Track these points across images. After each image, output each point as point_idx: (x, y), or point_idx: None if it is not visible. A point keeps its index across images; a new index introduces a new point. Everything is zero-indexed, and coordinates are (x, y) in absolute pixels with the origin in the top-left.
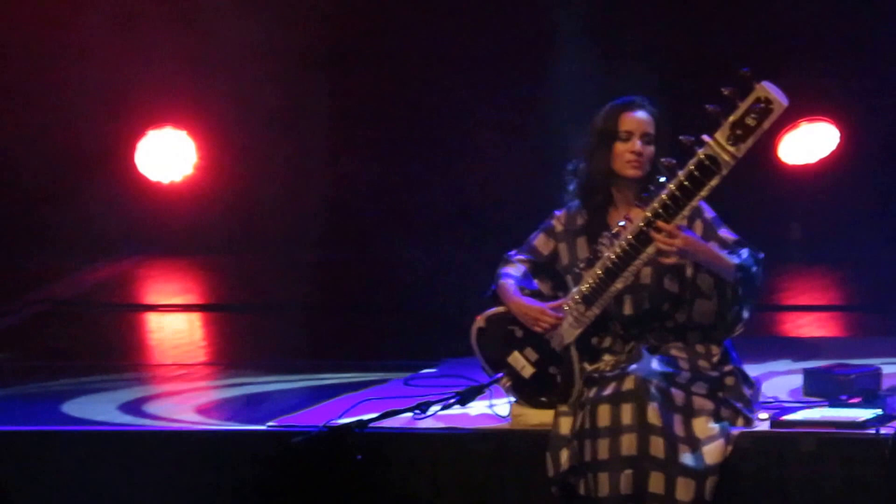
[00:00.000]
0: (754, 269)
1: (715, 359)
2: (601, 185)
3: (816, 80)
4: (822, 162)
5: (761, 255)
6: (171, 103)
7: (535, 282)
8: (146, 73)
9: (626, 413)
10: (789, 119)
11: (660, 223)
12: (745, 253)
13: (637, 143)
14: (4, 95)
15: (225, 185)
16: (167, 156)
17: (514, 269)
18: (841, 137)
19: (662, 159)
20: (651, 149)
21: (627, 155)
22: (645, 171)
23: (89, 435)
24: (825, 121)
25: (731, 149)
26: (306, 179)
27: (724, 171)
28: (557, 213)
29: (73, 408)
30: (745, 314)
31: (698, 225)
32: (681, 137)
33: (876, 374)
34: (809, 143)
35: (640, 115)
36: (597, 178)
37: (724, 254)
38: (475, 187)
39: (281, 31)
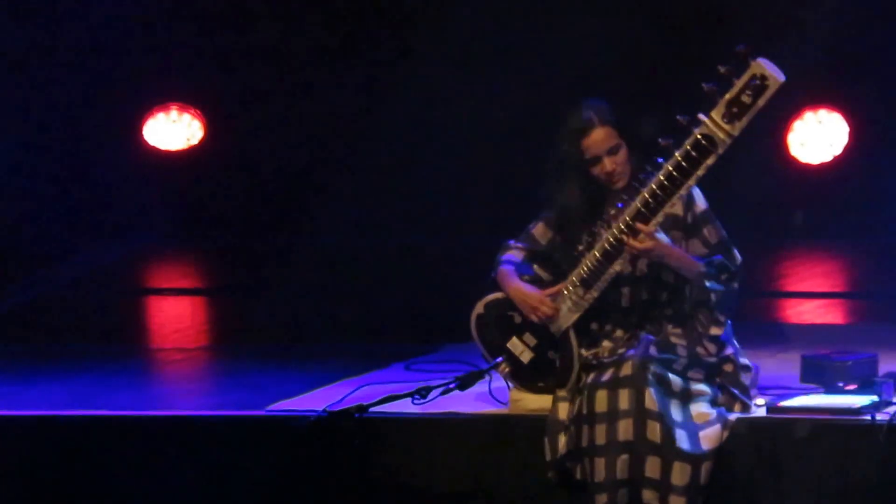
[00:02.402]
0: (722, 276)
1: (713, 345)
2: (576, 216)
3: (825, 71)
4: (833, 160)
5: (736, 266)
6: (179, 83)
7: (534, 268)
8: (152, 51)
9: (624, 398)
10: (797, 109)
11: (638, 225)
12: (716, 260)
13: (608, 162)
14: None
15: (232, 167)
16: (173, 136)
17: (513, 256)
18: (850, 130)
19: (660, 139)
20: (622, 154)
21: (604, 176)
22: (628, 176)
23: (86, 420)
24: (834, 111)
25: (726, 127)
26: (311, 166)
27: (721, 150)
28: None
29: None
30: (721, 318)
31: (689, 217)
32: (677, 117)
33: (872, 361)
34: (818, 135)
35: (597, 133)
36: (571, 210)
37: (694, 260)
38: (477, 176)
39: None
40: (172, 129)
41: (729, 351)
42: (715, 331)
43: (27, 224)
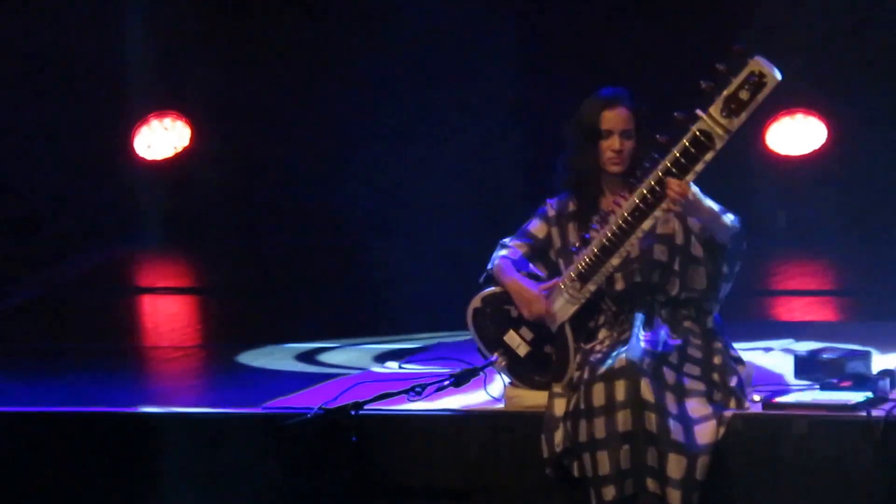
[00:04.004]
0: (741, 231)
1: (704, 337)
2: (591, 179)
3: (803, 73)
4: (810, 155)
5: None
6: (168, 90)
7: (531, 265)
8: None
9: (620, 390)
10: (776, 111)
11: (670, 181)
12: (731, 215)
13: (617, 141)
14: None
15: (223, 171)
16: (163, 143)
17: (510, 253)
18: (828, 131)
19: (657, 136)
20: (631, 143)
21: (608, 152)
22: (626, 166)
23: (86, 416)
24: (812, 115)
25: (724, 122)
26: (304, 166)
27: (718, 146)
28: (550, 200)
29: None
30: (732, 277)
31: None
32: (675, 113)
33: (866, 357)
34: (797, 134)
35: (620, 111)
36: (586, 174)
37: (721, 215)
38: (476, 173)
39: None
40: (163, 137)
41: (720, 343)
42: (725, 289)
43: (27, 224)
